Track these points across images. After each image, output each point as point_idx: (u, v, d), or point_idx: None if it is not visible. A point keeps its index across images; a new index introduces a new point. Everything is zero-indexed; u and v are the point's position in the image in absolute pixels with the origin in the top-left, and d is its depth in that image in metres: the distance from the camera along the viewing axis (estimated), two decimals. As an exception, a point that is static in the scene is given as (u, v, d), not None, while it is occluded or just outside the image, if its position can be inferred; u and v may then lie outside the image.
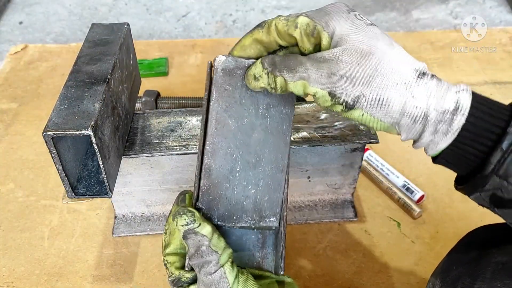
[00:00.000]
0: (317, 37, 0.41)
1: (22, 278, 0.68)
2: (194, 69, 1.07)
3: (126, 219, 0.74)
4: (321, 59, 0.40)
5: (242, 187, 0.45)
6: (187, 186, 0.70)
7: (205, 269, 0.41)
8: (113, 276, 0.68)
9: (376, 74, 0.38)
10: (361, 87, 0.38)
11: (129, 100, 0.65)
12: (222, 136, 0.45)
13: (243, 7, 1.40)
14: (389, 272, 0.68)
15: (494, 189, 0.40)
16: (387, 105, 0.38)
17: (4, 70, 1.07)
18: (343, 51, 0.39)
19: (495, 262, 0.43)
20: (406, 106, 0.38)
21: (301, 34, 0.41)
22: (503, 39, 1.15)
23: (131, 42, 0.67)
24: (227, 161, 0.45)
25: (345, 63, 0.39)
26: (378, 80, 0.38)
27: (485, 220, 0.74)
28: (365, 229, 0.74)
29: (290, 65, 0.41)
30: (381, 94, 0.38)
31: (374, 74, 0.38)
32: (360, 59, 0.39)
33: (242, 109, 0.46)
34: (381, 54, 0.39)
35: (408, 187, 0.77)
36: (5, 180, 0.82)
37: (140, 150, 0.63)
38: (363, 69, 0.38)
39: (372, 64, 0.38)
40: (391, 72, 0.38)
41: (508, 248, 0.45)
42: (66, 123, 0.49)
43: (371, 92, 0.38)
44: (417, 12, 1.37)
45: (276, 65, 0.42)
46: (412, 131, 0.40)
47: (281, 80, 0.41)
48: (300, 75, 0.40)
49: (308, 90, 0.41)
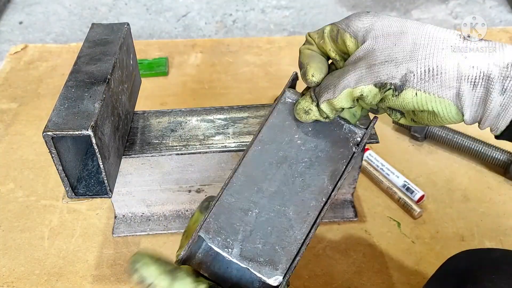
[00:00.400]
0: (342, 42, 0.40)
1: (22, 278, 0.68)
2: (194, 69, 1.07)
3: (126, 219, 0.74)
4: (355, 60, 0.39)
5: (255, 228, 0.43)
6: (187, 186, 0.70)
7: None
8: (113, 276, 0.68)
9: (416, 48, 0.35)
10: (406, 64, 0.35)
11: (129, 100, 0.65)
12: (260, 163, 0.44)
13: (243, 7, 1.40)
14: (389, 272, 0.68)
15: None
16: (440, 73, 0.35)
17: (4, 70, 1.07)
18: (374, 39, 0.37)
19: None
20: (460, 68, 0.34)
21: (329, 41, 0.41)
22: (503, 39, 1.15)
23: (131, 42, 0.67)
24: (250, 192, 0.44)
25: (380, 50, 0.37)
26: (422, 51, 0.35)
27: (485, 220, 0.75)
28: (365, 229, 0.74)
29: (327, 85, 0.40)
30: (429, 64, 0.35)
31: (415, 48, 0.35)
32: (394, 40, 0.36)
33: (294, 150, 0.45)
34: (415, 29, 0.36)
35: (408, 187, 0.77)
36: (5, 180, 0.82)
37: (140, 150, 0.63)
38: (401, 47, 0.36)
39: (409, 40, 0.36)
40: (433, 41, 0.35)
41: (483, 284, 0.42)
42: (66, 123, 0.49)
43: (418, 65, 0.35)
44: (417, 12, 1.37)
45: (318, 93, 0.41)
46: (475, 102, 0.35)
47: (327, 104, 0.40)
48: (340, 87, 0.38)
49: (354, 94, 0.38)
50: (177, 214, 0.74)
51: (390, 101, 0.37)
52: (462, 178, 0.81)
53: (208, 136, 0.65)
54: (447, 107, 0.36)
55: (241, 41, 1.15)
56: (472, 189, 0.79)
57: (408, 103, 0.37)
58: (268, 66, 1.06)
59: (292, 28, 1.30)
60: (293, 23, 1.32)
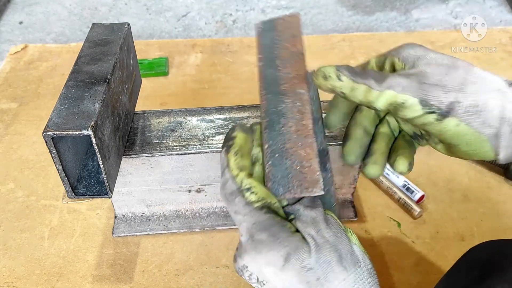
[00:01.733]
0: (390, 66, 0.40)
1: (22, 278, 0.68)
2: (194, 69, 1.07)
3: (126, 219, 0.74)
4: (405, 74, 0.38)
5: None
6: (187, 186, 0.70)
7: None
8: (113, 276, 0.68)
9: (467, 82, 0.36)
10: (455, 93, 0.36)
11: (129, 100, 0.65)
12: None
13: (243, 7, 1.40)
14: (389, 272, 0.68)
15: None
16: (485, 111, 0.36)
17: (4, 70, 1.07)
18: (426, 65, 0.38)
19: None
20: (505, 111, 0.36)
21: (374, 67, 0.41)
22: (503, 39, 1.15)
23: (132, 42, 0.67)
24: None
25: (432, 74, 0.37)
26: (470, 87, 0.36)
27: (485, 220, 0.75)
28: (365, 229, 0.74)
29: (375, 75, 0.38)
30: (477, 99, 0.36)
31: (466, 82, 0.36)
32: (446, 70, 0.37)
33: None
34: (466, 66, 0.38)
35: (408, 187, 0.77)
36: (5, 180, 0.82)
37: (140, 150, 0.63)
38: (453, 78, 0.37)
39: (460, 74, 0.37)
40: (482, 81, 0.37)
41: (509, 274, 0.42)
42: (66, 123, 0.49)
43: (466, 97, 0.36)
44: (417, 12, 1.37)
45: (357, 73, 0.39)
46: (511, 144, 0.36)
47: (364, 88, 0.38)
48: (388, 84, 0.37)
49: (397, 100, 0.37)
50: (177, 214, 0.74)
51: (431, 125, 0.37)
52: (462, 178, 0.81)
53: (208, 136, 0.65)
54: (484, 145, 0.37)
55: (241, 41, 1.15)
56: (472, 189, 0.79)
57: (448, 131, 0.37)
58: (268, 66, 1.06)
59: (292, 28, 1.30)
60: (293, 23, 1.32)
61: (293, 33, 0.50)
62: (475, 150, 0.38)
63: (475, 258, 0.48)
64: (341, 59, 1.08)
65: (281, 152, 0.40)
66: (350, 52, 1.12)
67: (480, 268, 0.45)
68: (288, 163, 0.39)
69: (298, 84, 0.46)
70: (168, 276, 0.68)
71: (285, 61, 0.47)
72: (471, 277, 0.45)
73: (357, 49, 1.12)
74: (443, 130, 0.37)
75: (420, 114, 0.37)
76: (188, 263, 0.69)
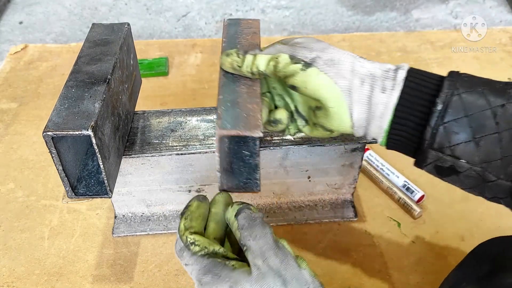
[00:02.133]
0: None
1: (22, 278, 0.68)
2: (194, 69, 1.07)
3: (126, 219, 0.74)
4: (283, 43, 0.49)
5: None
6: (187, 186, 0.70)
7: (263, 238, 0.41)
8: (113, 276, 0.68)
9: (328, 47, 0.47)
10: (317, 52, 0.46)
11: (129, 100, 0.65)
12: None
13: (243, 7, 1.40)
14: (389, 272, 0.68)
15: (434, 161, 0.44)
16: (339, 64, 0.45)
17: (4, 70, 1.07)
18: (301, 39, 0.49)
19: (509, 284, 0.42)
20: (354, 65, 0.45)
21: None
22: (503, 39, 1.15)
23: (132, 42, 0.67)
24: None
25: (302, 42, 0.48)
26: (330, 49, 0.47)
27: (485, 221, 0.75)
28: (365, 229, 0.74)
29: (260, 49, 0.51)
30: (333, 56, 0.46)
31: (327, 47, 0.47)
32: (314, 42, 0.48)
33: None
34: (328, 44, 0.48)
35: (408, 187, 0.77)
36: (5, 180, 0.82)
37: (140, 150, 0.63)
38: (317, 45, 0.47)
39: (324, 44, 0.48)
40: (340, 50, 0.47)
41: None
42: (66, 123, 0.49)
43: (325, 55, 0.46)
44: (417, 12, 1.37)
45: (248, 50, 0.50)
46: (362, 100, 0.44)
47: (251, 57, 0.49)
48: (268, 50, 0.49)
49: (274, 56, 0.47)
50: (177, 214, 0.74)
51: (297, 75, 0.46)
52: (462, 178, 0.81)
53: (208, 136, 0.65)
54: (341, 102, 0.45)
55: (241, 41, 1.15)
56: (472, 189, 0.79)
57: (312, 81, 0.45)
58: (268, 66, 1.06)
59: (292, 28, 1.30)
60: (293, 23, 1.32)
61: (254, 31, 0.60)
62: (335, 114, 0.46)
63: (485, 252, 0.49)
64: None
65: (233, 102, 0.50)
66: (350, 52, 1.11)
67: (491, 262, 0.46)
68: (237, 110, 0.49)
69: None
70: (168, 276, 0.68)
71: (244, 47, 0.57)
72: (483, 271, 0.45)
73: (357, 49, 1.12)
74: (308, 80, 0.45)
75: (288, 63, 0.46)
76: (188, 263, 0.69)
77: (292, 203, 0.75)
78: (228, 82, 0.53)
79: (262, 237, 0.40)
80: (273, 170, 0.69)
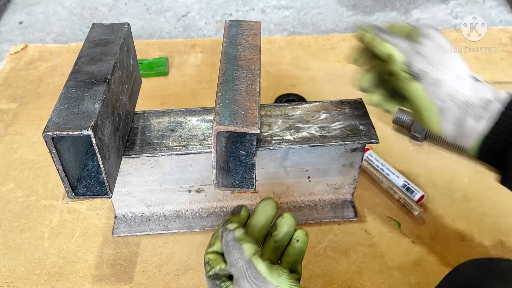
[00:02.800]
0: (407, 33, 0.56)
1: (22, 278, 0.68)
2: (194, 69, 1.07)
3: (126, 219, 0.74)
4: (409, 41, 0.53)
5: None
6: (187, 186, 0.70)
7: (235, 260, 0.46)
8: (113, 276, 0.68)
9: (441, 62, 0.51)
10: (428, 66, 0.50)
11: (129, 100, 0.65)
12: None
13: (243, 7, 1.40)
14: (389, 272, 0.68)
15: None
16: (441, 86, 0.49)
17: (4, 70, 1.07)
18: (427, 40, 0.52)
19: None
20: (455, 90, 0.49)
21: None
22: (503, 39, 1.15)
23: (132, 42, 0.67)
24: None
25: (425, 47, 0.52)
26: (442, 66, 0.50)
27: (485, 221, 0.75)
28: (365, 229, 0.74)
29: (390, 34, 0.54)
30: (439, 77, 0.50)
31: (440, 61, 0.51)
32: (435, 48, 0.52)
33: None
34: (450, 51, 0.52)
35: (408, 187, 0.77)
36: (5, 180, 0.82)
37: (140, 150, 0.63)
38: (436, 54, 0.51)
39: (441, 53, 0.51)
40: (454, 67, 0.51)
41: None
42: (66, 123, 0.49)
43: (434, 72, 0.50)
44: (417, 12, 1.37)
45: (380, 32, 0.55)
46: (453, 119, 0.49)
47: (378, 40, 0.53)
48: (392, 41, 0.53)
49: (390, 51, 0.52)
50: (177, 214, 0.74)
51: (403, 81, 0.51)
52: (462, 178, 0.81)
53: (208, 136, 0.65)
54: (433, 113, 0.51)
55: (241, 41, 1.15)
56: (472, 189, 0.79)
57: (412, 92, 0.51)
58: (268, 66, 1.06)
59: (292, 28, 1.30)
60: (293, 23, 1.32)
61: (255, 32, 0.62)
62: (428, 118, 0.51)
63: (460, 277, 0.48)
64: (341, 59, 1.08)
65: (231, 100, 0.50)
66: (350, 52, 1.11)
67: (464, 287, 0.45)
68: (235, 108, 0.49)
69: (252, 63, 0.58)
70: (168, 276, 0.68)
71: (244, 47, 0.59)
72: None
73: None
74: (410, 90, 0.51)
75: (399, 68, 0.51)
76: (188, 263, 0.69)
77: (292, 203, 0.75)
78: (227, 80, 0.53)
79: (235, 263, 0.45)
80: (273, 170, 0.69)
